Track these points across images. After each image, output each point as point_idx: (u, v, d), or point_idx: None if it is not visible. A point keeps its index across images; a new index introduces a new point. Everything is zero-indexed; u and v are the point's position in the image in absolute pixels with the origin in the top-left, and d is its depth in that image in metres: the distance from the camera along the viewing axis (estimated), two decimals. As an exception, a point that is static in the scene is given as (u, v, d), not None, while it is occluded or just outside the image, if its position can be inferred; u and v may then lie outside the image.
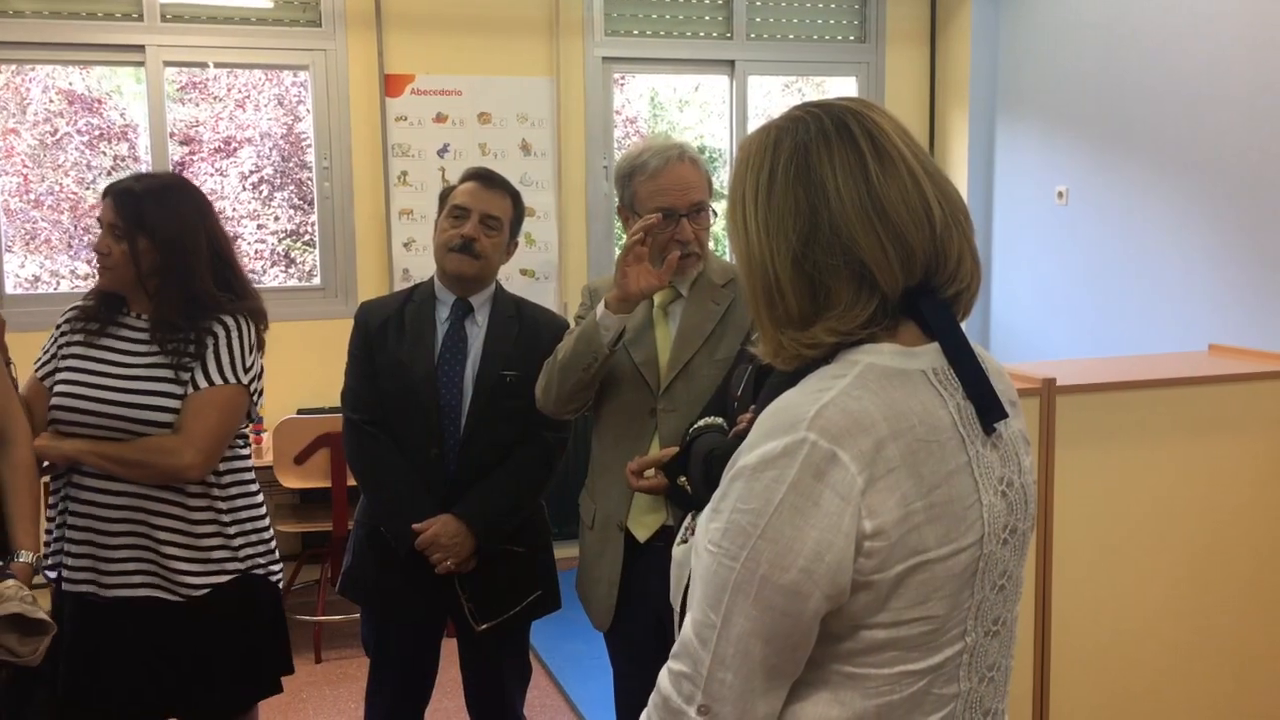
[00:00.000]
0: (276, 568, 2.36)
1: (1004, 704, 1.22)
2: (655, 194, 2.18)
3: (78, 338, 2.25)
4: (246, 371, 2.23)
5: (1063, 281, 4.79)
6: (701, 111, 7.18)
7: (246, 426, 2.31)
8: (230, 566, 2.24)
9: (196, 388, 2.17)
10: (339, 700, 3.73)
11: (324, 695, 3.77)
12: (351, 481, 3.78)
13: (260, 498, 2.35)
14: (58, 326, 2.30)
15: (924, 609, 1.08)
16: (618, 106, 5.61)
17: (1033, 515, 1.23)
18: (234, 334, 2.22)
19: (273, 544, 2.35)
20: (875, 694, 1.10)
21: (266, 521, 2.34)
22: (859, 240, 1.11)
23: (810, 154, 1.14)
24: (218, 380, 2.18)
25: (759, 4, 5.21)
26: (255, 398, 2.28)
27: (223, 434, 2.19)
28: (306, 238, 5.85)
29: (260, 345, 2.31)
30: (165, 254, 2.17)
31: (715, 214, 2.26)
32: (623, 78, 5.49)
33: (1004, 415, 1.16)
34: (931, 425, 1.10)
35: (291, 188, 6.33)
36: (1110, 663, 2.87)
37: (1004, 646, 1.20)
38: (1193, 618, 2.92)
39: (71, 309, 2.31)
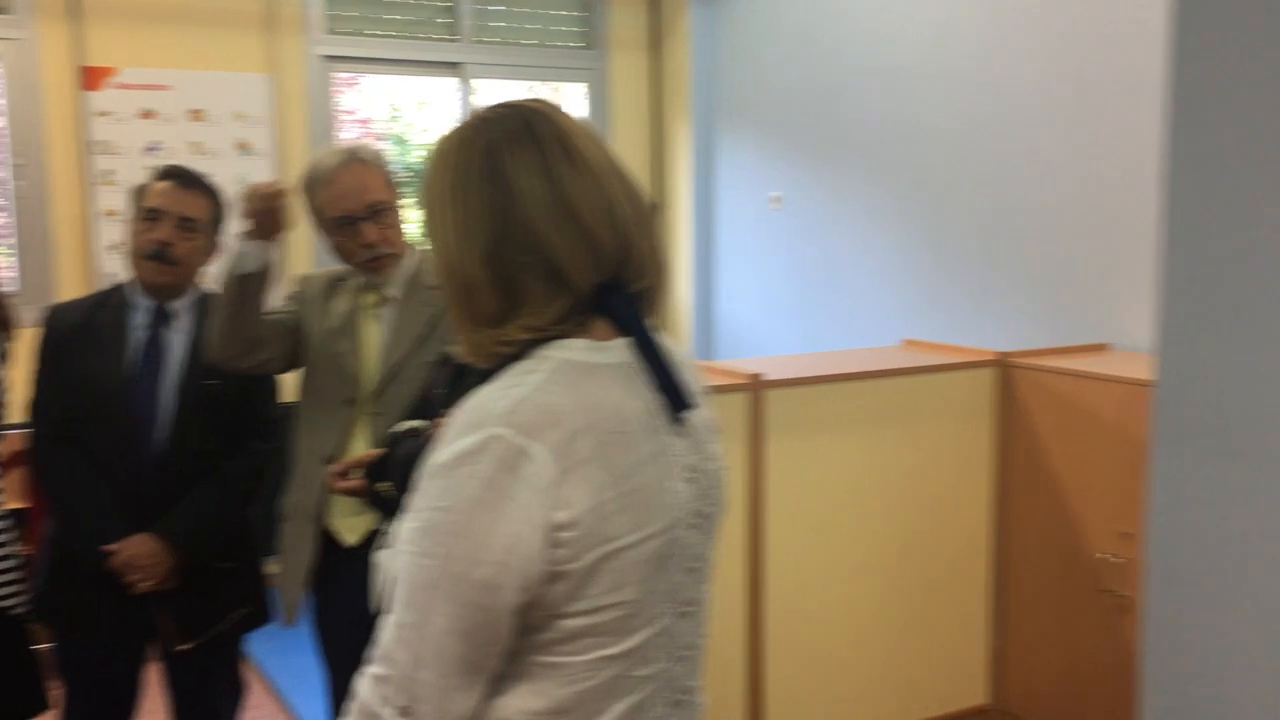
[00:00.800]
0: (18, 600, 2.19)
1: (698, 681, 1.28)
2: (333, 201, 2.16)
3: None
4: None
5: (779, 282, 5.05)
6: (441, 113, 7.09)
7: None
8: None
9: None
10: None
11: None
12: (51, 501, 3.52)
13: (3, 524, 2.18)
14: None
15: (618, 595, 1.12)
16: (352, 106, 5.48)
17: (722, 500, 1.30)
18: None
19: (15, 574, 2.18)
20: (573, 681, 1.13)
21: (7, 550, 2.17)
22: (549, 239, 1.14)
23: (499, 154, 1.17)
24: None
25: (486, 8, 5.22)
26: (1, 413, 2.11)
27: None
28: (9, 240, 5.39)
29: (5, 356, 2.13)
30: None
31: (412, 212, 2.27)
32: (355, 77, 5.37)
33: (691, 405, 1.21)
34: (622, 417, 1.14)
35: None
36: (818, 636, 3.06)
37: (697, 627, 1.26)
38: (889, 591, 3.15)
39: None
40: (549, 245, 1.14)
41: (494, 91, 5.38)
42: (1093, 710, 3.06)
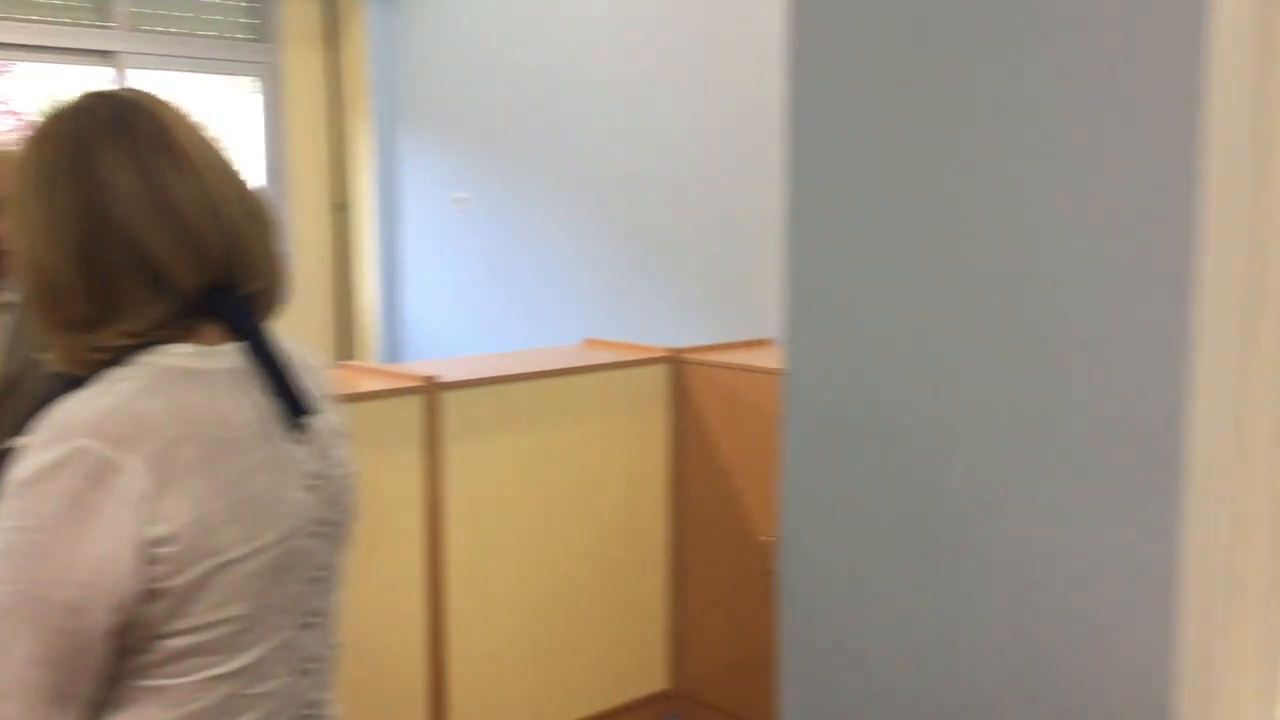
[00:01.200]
0: None
1: (326, 694, 1.24)
2: None
3: None
4: None
5: (468, 283, 5.03)
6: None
7: None
8: None
9: None
10: None
11: None
12: None
13: None
14: None
15: (226, 610, 1.07)
16: (3, 95, 4.99)
17: (351, 506, 1.26)
18: None
19: None
20: (180, 704, 1.07)
21: None
22: (146, 238, 1.08)
23: (90, 148, 1.09)
24: None
25: (144, -7, 4.89)
26: None
27: None
28: None
29: None
30: None
31: None
32: (7, 64, 4.89)
33: (311, 411, 1.18)
34: (230, 425, 1.09)
35: None
36: (503, 634, 3.06)
37: (324, 637, 1.22)
38: (573, 585, 3.20)
39: None
40: (146, 245, 1.08)
41: (155, 84, 5.05)
42: (763, 688, 3.22)
